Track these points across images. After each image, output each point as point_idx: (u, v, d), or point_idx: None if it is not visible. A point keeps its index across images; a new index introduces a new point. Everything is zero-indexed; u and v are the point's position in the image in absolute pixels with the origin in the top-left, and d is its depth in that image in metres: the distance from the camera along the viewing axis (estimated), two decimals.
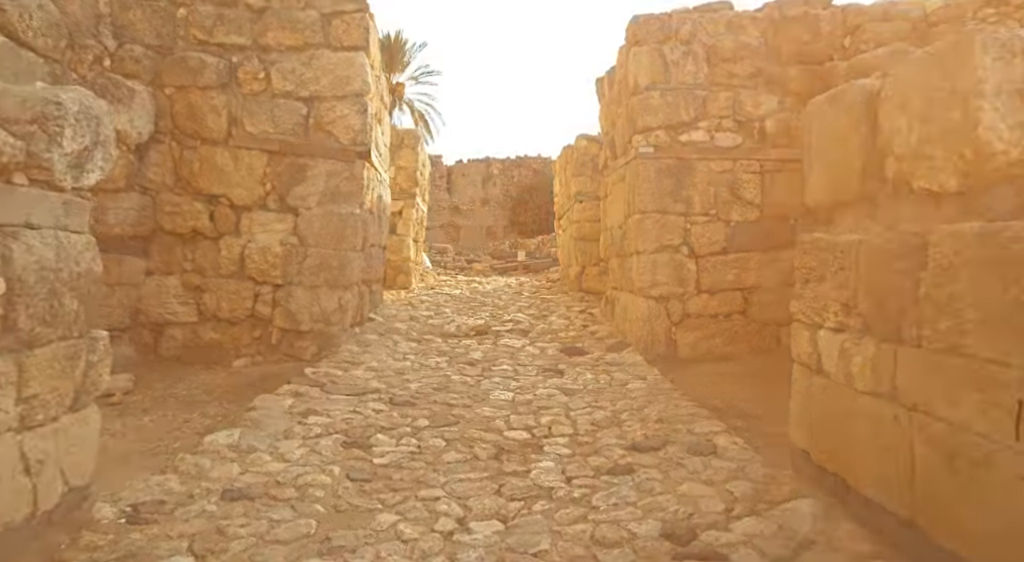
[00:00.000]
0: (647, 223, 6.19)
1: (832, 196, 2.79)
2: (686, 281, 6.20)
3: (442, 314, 8.20)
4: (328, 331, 6.06)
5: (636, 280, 6.34)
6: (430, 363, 5.76)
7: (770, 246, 6.25)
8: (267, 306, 6.02)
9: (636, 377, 5.31)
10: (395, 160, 11.52)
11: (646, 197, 6.20)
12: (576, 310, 8.78)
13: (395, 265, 11.51)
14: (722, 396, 4.90)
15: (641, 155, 6.21)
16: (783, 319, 6.23)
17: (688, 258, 6.21)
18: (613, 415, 4.26)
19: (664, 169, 6.19)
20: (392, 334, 6.89)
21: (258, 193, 6.02)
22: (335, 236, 6.07)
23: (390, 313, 7.88)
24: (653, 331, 6.15)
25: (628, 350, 6.34)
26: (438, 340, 6.82)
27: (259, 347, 6.05)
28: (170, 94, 5.87)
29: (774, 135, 6.23)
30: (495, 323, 7.69)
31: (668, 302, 6.21)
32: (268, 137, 6.00)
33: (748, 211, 6.25)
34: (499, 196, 33.42)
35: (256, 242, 6.01)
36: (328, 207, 6.08)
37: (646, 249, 6.20)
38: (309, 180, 6.05)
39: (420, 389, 4.88)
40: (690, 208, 6.21)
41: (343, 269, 6.09)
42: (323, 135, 6.10)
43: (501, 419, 4.21)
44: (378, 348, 6.22)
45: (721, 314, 6.23)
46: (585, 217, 11.17)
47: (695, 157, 6.22)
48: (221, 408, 4.57)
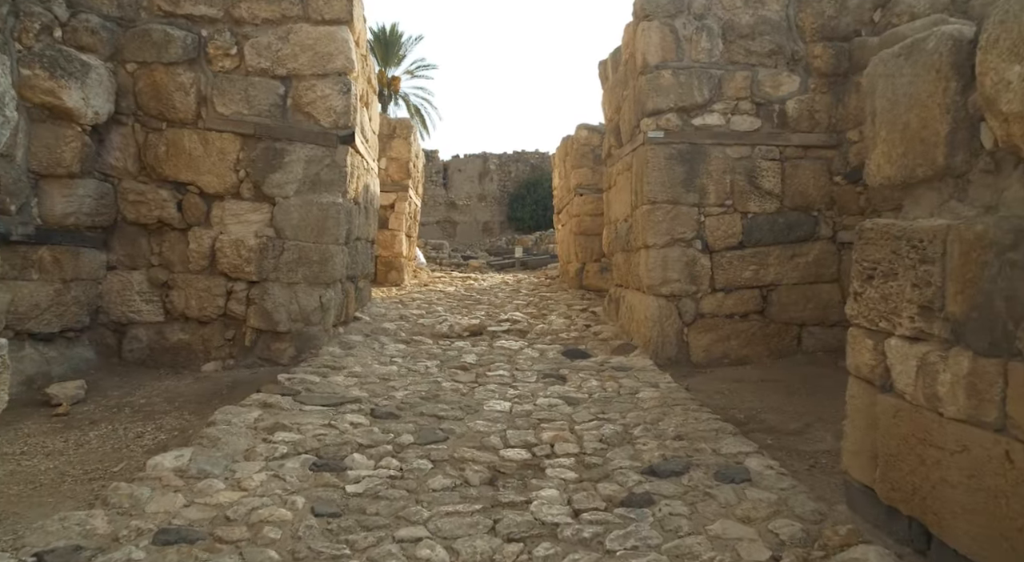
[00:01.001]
0: (657, 215, 5.67)
1: (905, 172, 2.27)
2: (699, 278, 5.68)
3: (434, 313, 7.68)
4: (308, 332, 5.54)
5: (644, 277, 5.82)
6: (419, 368, 5.24)
7: (791, 240, 5.74)
8: (241, 304, 5.49)
9: (647, 384, 4.79)
10: (386, 151, 11.00)
11: (656, 186, 5.67)
12: (577, 309, 8.26)
13: (386, 261, 10.99)
14: (743, 406, 4.39)
15: (650, 140, 5.68)
16: (805, 319, 5.73)
17: (701, 253, 5.70)
18: (624, 430, 3.74)
19: (675, 155, 5.67)
20: (379, 335, 6.36)
21: (230, 180, 5.48)
22: (315, 228, 5.53)
23: (378, 312, 7.35)
24: (663, 333, 5.64)
25: (635, 353, 5.83)
26: (429, 342, 6.30)
27: (232, 349, 5.53)
28: (132, 71, 5.32)
29: (796, 118, 5.71)
30: (491, 323, 7.16)
31: (680, 301, 5.69)
32: (241, 119, 5.46)
33: (767, 202, 5.73)
34: (496, 191, 32.96)
35: (228, 234, 5.48)
36: (308, 196, 5.55)
37: (655, 243, 5.68)
38: (287, 166, 5.51)
39: (406, 398, 4.35)
40: (704, 198, 5.70)
41: (324, 264, 5.56)
42: (302, 117, 5.57)
43: (497, 434, 3.69)
44: (363, 351, 5.69)
45: (737, 314, 5.72)
46: (586, 211, 10.68)
47: (709, 142, 5.69)
48: (181, 420, 4.05)
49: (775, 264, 5.72)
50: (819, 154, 5.74)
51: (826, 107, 5.70)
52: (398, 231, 11.04)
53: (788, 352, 5.70)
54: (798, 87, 5.71)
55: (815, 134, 5.72)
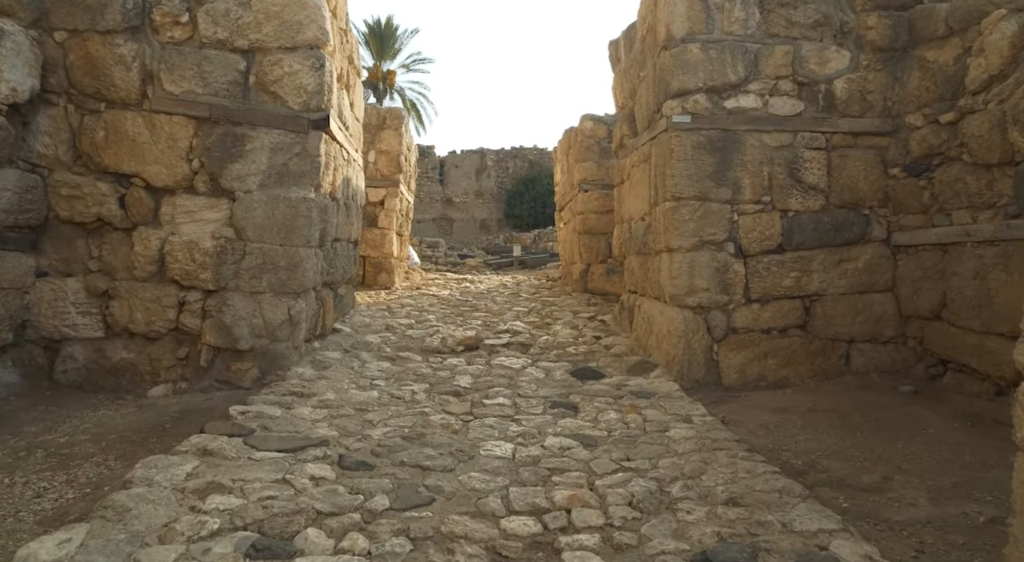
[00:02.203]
0: (682, 213, 4.86)
1: None
2: (732, 287, 4.88)
3: (425, 322, 6.86)
4: (274, 350, 4.72)
5: (667, 285, 5.02)
6: (404, 394, 4.42)
7: (838, 242, 4.94)
8: (195, 317, 4.67)
9: (676, 417, 3.99)
10: (375, 143, 10.18)
11: (681, 180, 4.86)
12: (584, 317, 7.45)
13: (375, 262, 10.18)
14: (798, 448, 3.59)
15: (674, 126, 4.87)
16: (854, 334, 4.92)
17: (734, 258, 4.89)
18: (659, 488, 2.94)
19: (704, 143, 4.86)
20: (360, 350, 5.54)
21: (182, 172, 4.66)
22: (283, 228, 4.72)
23: (362, 322, 6.53)
24: (690, 350, 4.83)
25: (656, 373, 5.02)
26: (417, 359, 5.48)
27: (185, 370, 4.71)
28: (62, 41, 4.48)
29: (845, 101, 4.90)
30: (488, 334, 6.35)
31: (708, 313, 4.89)
32: (195, 99, 4.63)
33: (811, 198, 4.93)
34: (493, 188, 32.22)
35: (180, 235, 4.66)
36: (273, 191, 4.73)
37: (680, 246, 4.87)
38: (249, 155, 4.69)
39: (385, 439, 3.54)
40: (738, 194, 4.89)
41: (293, 270, 4.74)
42: (267, 97, 4.74)
43: (497, 494, 2.88)
44: (339, 371, 4.87)
45: (775, 328, 4.92)
46: (591, 208, 9.89)
47: (744, 128, 4.89)
48: (101, 469, 3.23)
49: (819, 270, 4.92)
50: (872, 142, 4.93)
51: (880, 87, 4.89)
52: (388, 230, 10.21)
53: (834, 373, 4.90)
54: (848, 64, 4.90)
55: (867, 119, 4.91)
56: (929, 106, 4.52)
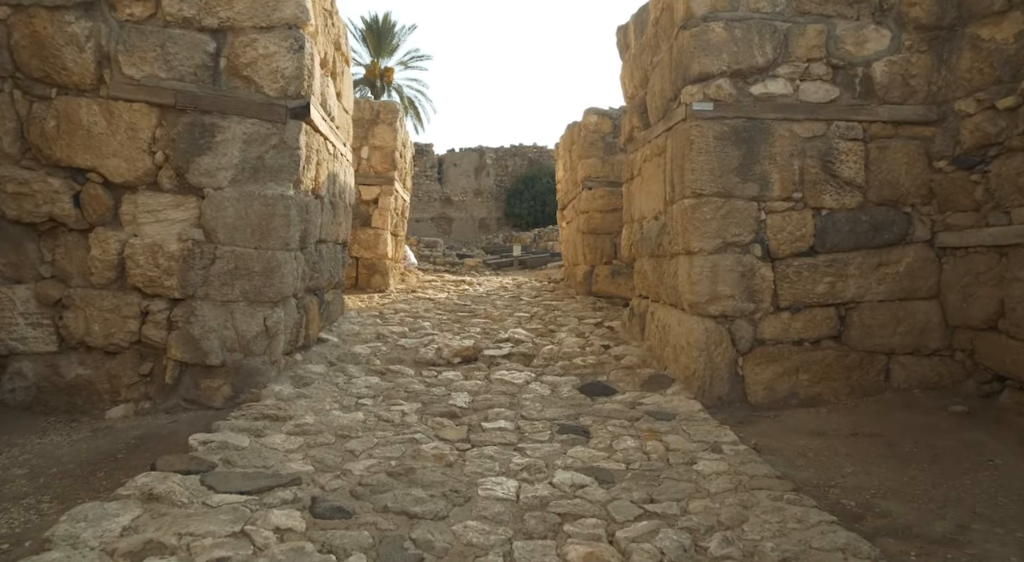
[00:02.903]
0: (704, 211, 4.36)
1: None
2: (759, 294, 4.38)
3: (420, 329, 6.35)
4: (248, 365, 4.22)
5: (686, 291, 4.52)
6: (393, 415, 3.92)
7: (877, 244, 4.44)
8: (160, 329, 4.17)
9: (702, 444, 3.49)
10: (368, 138, 9.68)
11: (702, 174, 4.36)
12: (590, 323, 6.95)
13: (368, 264, 9.69)
14: (847, 483, 3.09)
15: (695, 114, 4.37)
16: (895, 346, 4.42)
17: (761, 261, 4.39)
18: (693, 542, 2.44)
19: (728, 134, 4.36)
20: (347, 363, 5.04)
21: (144, 166, 4.15)
22: (257, 228, 4.21)
23: (350, 330, 6.02)
24: (712, 364, 4.33)
25: (674, 390, 4.52)
26: (410, 372, 4.98)
27: (148, 388, 4.21)
28: (5, 17, 3.98)
29: (885, 86, 4.40)
30: (488, 343, 5.85)
31: (733, 323, 4.39)
32: (158, 85, 4.12)
33: (846, 194, 4.43)
34: (493, 187, 31.76)
35: (143, 237, 4.16)
36: (247, 187, 4.22)
37: (702, 248, 4.37)
38: (219, 148, 4.19)
39: (368, 475, 3.04)
40: (765, 190, 4.39)
41: (269, 276, 4.24)
42: (239, 83, 4.24)
43: (498, 550, 2.39)
44: (322, 388, 4.37)
45: (807, 340, 4.42)
46: (595, 206, 9.39)
47: (772, 117, 4.38)
48: (30, 516, 2.73)
49: (856, 275, 4.42)
50: (914, 132, 4.43)
51: (925, 70, 4.39)
52: (382, 230, 9.71)
53: (873, 389, 4.40)
54: (888, 44, 4.40)
55: (909, 106, 4.41)
56: (983, 90, 4.02)
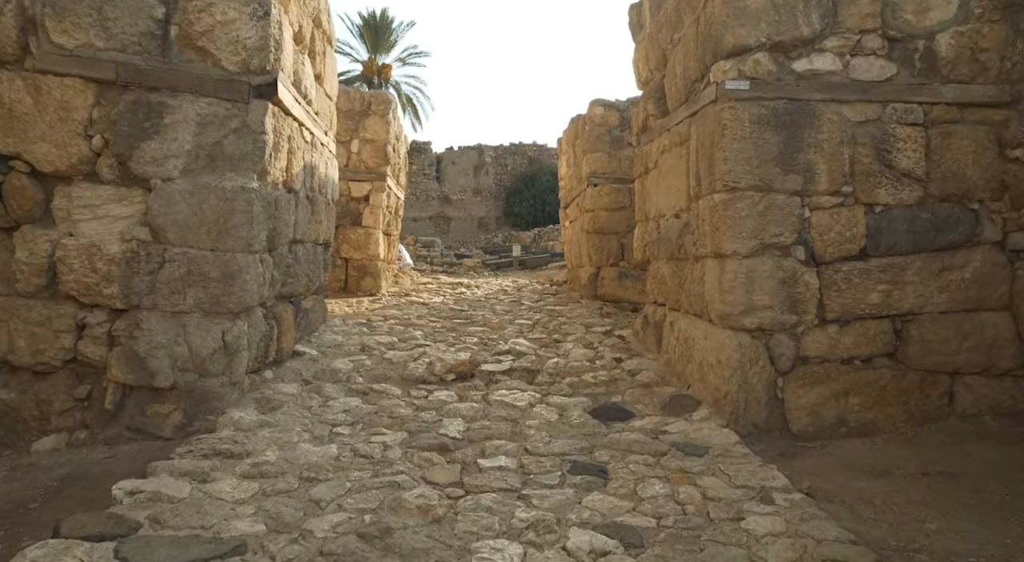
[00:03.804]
0: (738, 207, 3.73)
1: None
2: (802, 304, 3.75)
3: (410, 340, 5.71)
4: (203, 387, 3.59)
5: (715, 300, 3.89)
6: (372, 450, 3.28)
7: (939, 246, 3.82)
8: (99, 345, 3.54)
9: (748, 491, 2.86)
10: (359, 131, 9.06)
11: (737, 164, 3.73)
12: (598, 331, 6.32)
13: (359, 266, 9.06)
14: (935, 546, 2.46)
15: (728, 94, 3.74)
16: (959, 365, 3.77)
17: (805, 266, 3.77)
18: None
19: (768, 117, 3.73)
20: (324, 382, 4.41)
21: (80, 152, 3.52)
22: (214, 227, 3.58)
23: (332, 341, 5.38)
24: (747, 386, 3.71)
25: (701, 414, 3.89)
26: (396, 392, 4.34)
27: (85, 415, 3.58)
28: None
29: (950, 61, 3.78)
30: (486, 356, 5.22)
31: (772, 338, 3.76)
32: (95, 56, 3.49)
33: (904, 188, 3.80)
34: (492, 185, 31.20)
35: (79, 236, 3.53)
36: (202, 178, 3.59)
37: (735, 250, 3.74)
38: (169, 131, 3.56)
39: (334, 537, 2.41)
40: (810, 182, 3.76)
41: (229, 282, 3.61)
42: (193, 55, 3.61)
43: None
44: (291, 414, 3.73)
45: (858, 358, 3.79)
46: (601, 204, 8.78)
47: (819, 98, 3.76)
48: None
49: (915, 282, 3.79)
50: (984, 116, 3.81)
51: (998, 44, 3.77)
52: (373, 229, 9.07)
53: (935, 415, 3.77)
54: (955, 13, 3.78)
55: (979, 85, 3.79)
56: None
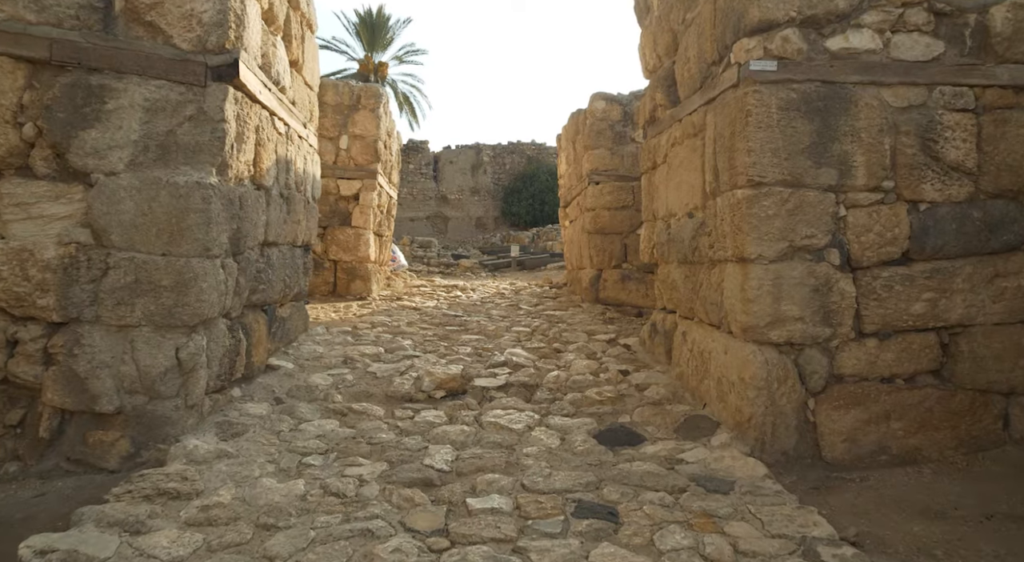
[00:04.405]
0: (764, 205, 3.28)
1: None
2: (837, 315, 3.30)
3: (398, 351, 5.25)
4: (154, 412, 3.13)
5: (737, 310, 3.44)
6: (346, 487, 2.83)
7: (992, 249, 3.37)
8: (33, 364, 3.09)
9: (784, 539, 2.41)
10: (348, 126, 8.60)
11: (762, 156, 3.28)
12: (601, 339, 5.87)
13: (348, 268, 8.60)
14: None
15: (753, 76, 3.29)
16: (1015, 383, 3.30)
17: (840, 271, 3.32)
18: None
19: (798, 102, 3.28)
20: (299, 400, 3.95)
21: (9, 142, 3.06)
22: (166, 228, 3.13)
23: (312, 352, 4.92)
24: (774, 408, 3.26)
25: (721, 439, 3.44)
26: (378, 413, 3.88)
27: (17, 444, 3.12)
28: None
29: (1006, 39, 3.33)
30: (480, 369, 4.76)
31: (802, 353, 3.31)
32: (25, 31, 3.04)
33: (952, 183, 3.36)
34: (490, 185, 30.81)
35: (10, 239, 3.07)
36: (152, 172, 3.14)
37: (760, 253, 3.29)
38: (112, 118, 3.10)
39: None
40: (846, 177, 3.31)
41: (183, 292, 3.15)
42: (141, 31, 3.15)
43: None
44: (256, 440, 3.27)
45: (900, 376, 3.34)
46: (603, 203, 8.34)
47: (856, 80, 3.31)
48: None
49: (964, 290, 3.34)
50: None
51: None
52: (363, 229, 8.62)
53: (989, 441, 3.32)
54: None
55: None
56: None
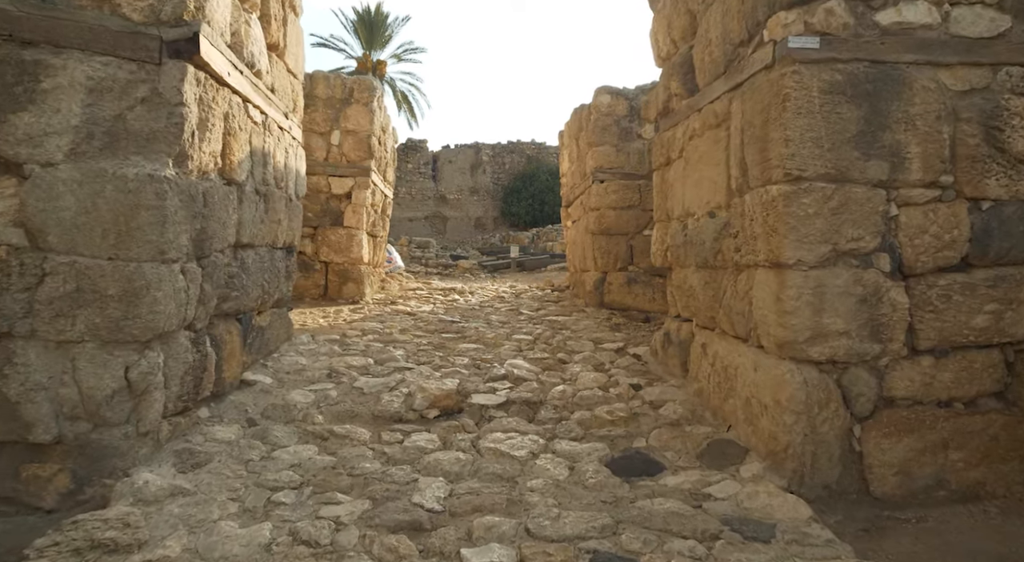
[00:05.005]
0: (804, 203, 2.86)
1: None
2: (887, 329, 2.88)
3: (389, 362, 4.81)
4: (99, 442, 2.70)
5: (771, 322, 3.01)
6: (319, 534, 2.39)
7: None
8: None
9: None
10: (340, 121, 8.18)
11: (803, 147, 2.86)
12: (609, 348, 5.44)
13: (340, 270, 8.17)
14: None
15: (792, 55, 2.86)
16: None
17: (890, 279, 2.89)
18: None
19: (843, 85, 2.86)
20: (274, 422, 3.51)
21: None
22: (113, 228, 2.70)
23: (294, 364, 4.48)
24: (815, 435, 2.83)
25: (752, 469, 3.01)
26: (363, 436, 3.44)
27: None
28: None
29: None
30: (478, 383, 4.33)
31: (846, 373, 2.89)
32: None
33: (1021, 178, 2.93)
34: (489, 184, 30.46)
35: None
36: (96, 163, 2.70)
37: (800, 258, 2.87)
38: (49, 100, 2.67)
39: None
40: (898, 171, 2.89)
41: (134, 302, 2.72)
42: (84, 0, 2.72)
43: None
44: (219, 474, 2.84)
45: (960, 398, 2.92)
46: (608, 203, 7.93)
47: (910, 59, 2.88)
48: None
49: None
50: None
51: None
52: (356, 229, 8.18)
53: None
54: None
55: None
56: None
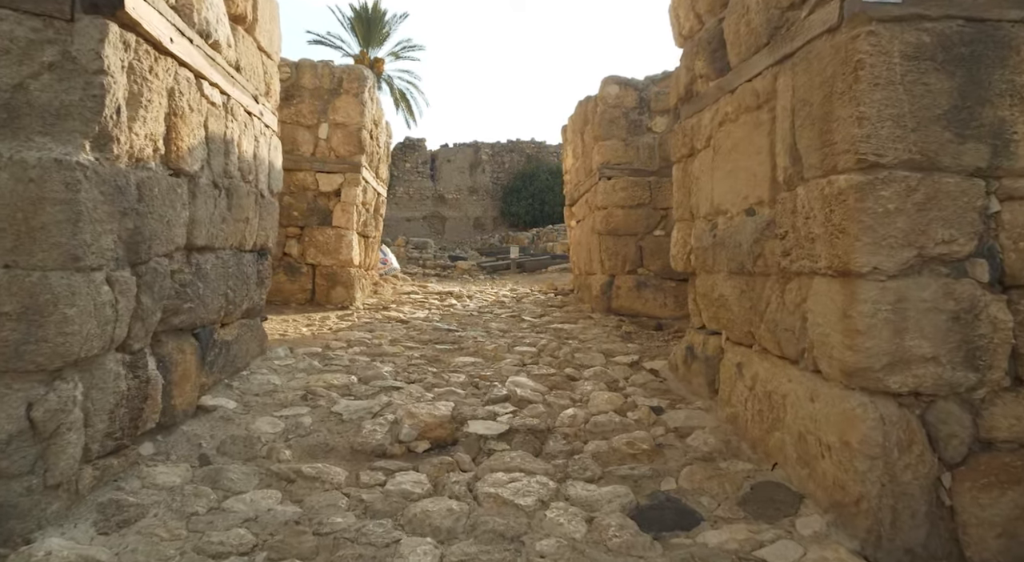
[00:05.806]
0: (881, 196, 2.29)
1: None
2: (985, 353, 2.31)
3: (374, 381, 4.22)
4: None
5: (834, 343, 2.44)
6: None
7: None
8: None
9: None
10: (328, 113, 7.61)
11: (880, 126, 2.29)
12: (622, 362, 4.88)
13: (328, 274, 7.60)
14: None
15: (867, 10, 2.29)
16: None
17: (989, 291, 2.33)
18: None
19: (931, 49, 2.29)
20: (231, 459, 2.94)
21: None
22: (12, 228, 2.12)
23: (264, 384, 3.90)
24: (895, 485, 2.26)
25: (812, 524, 2.45)
26: (336, 478, 2.86)
27: None
28: None
29: None
30: (477, 405, 3.76)
31: (932, 408, 2.32)
32: None
33: None
34: (488, 184, 29.98)
35: None
36: None
37: (875, 265, 2.30)
38: None
39: None
40: (1001, 156, 2.32)
41: (37, 322, 2.14)
42: None
43: None
44: (151, 536, 2.26)
45: None
46: (616, 201, 7.38)
47: (1015, 17, 2.32)
48: None
49: None
50: None
51: None
52: (346, 230, 7.61)
53: None
54: None
55: None
56: None
